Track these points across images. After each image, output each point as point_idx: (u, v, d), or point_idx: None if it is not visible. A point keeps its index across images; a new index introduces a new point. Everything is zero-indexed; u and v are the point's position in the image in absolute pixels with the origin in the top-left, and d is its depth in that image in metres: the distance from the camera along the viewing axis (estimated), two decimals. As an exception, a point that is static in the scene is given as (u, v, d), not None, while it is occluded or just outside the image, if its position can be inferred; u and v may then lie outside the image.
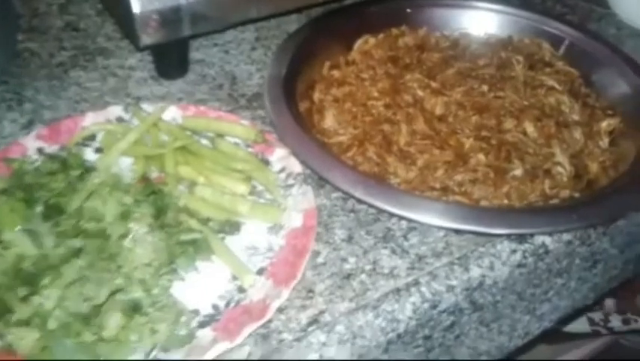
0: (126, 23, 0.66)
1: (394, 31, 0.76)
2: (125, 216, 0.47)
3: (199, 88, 0.71)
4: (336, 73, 0.71)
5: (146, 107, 0.64)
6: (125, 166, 0.58)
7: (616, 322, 1.04)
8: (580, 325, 1.04)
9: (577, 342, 1.04)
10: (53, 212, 0.46)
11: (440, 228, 0.53)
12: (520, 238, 0.53)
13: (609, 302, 1.05)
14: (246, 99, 0.69)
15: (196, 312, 0.47)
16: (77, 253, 0.43)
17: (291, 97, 0.65)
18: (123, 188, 0.49)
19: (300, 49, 0.72)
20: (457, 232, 0.53)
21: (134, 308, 0.43)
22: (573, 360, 1.03)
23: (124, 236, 0.45)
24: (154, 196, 0.51)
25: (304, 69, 0.70)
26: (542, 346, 0.99)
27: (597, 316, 1.05)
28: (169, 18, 0.64)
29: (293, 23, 0.80)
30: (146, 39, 0.64)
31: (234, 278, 0.50)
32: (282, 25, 0.81)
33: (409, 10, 0.79)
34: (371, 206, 0.54)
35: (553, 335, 0.99)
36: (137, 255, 0.44)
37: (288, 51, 0.71)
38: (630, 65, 0.70)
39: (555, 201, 0.56)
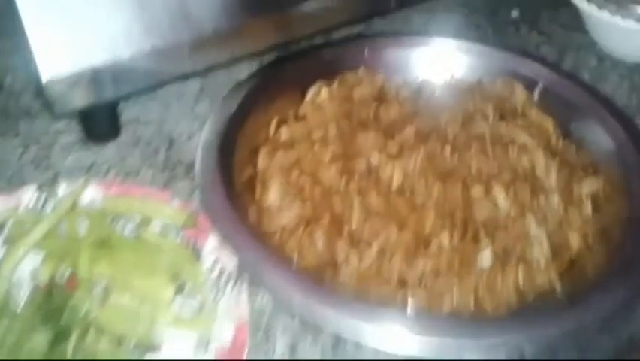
0: (38, 88, 0.57)
1: (350, 78, 0.68)
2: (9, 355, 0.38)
3: (131, 153, 0.63)
4: (283, 133, 0.62)
5: (65, 186, 0.56)
6: (35, 266, 0.50)
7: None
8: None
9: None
10: None
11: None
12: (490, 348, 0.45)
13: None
14: (185, 166, 0.61)
15: None
16: None
17: (229, 167, 0.57)
18: (11, 313, 0.41)
19: (245, 103, 0.64)
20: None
21: None
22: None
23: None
24: (56, 313, 0.43)
25: (248, 128, 0.62)
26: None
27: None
28: (85, 81, 0.55)
29: (245, 69, 0.71)
30: (61, 107, 0.56)
31: (151, 414, 0.42)
32: (233, 72, 0.72)
33: (366, 52, 0.71)
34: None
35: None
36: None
37: (230, 107, 0.63)
38: (612, 112, 0.61)
39: (531, 295, 0.48)
